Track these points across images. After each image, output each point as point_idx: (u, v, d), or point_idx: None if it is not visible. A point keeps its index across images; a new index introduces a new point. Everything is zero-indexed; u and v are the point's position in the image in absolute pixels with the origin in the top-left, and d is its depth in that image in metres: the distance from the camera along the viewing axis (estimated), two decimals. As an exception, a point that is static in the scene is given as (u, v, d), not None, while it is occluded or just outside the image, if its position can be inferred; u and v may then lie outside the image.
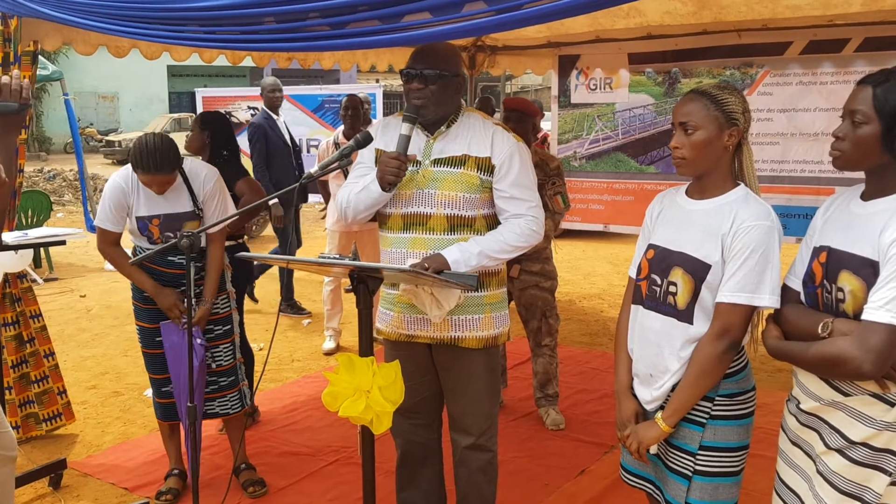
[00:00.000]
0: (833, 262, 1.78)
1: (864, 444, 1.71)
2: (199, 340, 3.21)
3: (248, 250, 4.34)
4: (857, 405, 1.72)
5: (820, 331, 1.74)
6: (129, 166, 3.23)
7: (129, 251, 3.39)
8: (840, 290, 1.74)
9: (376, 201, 2.58)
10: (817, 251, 1.85)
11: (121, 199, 3.22)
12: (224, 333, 3.44)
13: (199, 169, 3.33)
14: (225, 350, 3.45)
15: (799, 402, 1.88)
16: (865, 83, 1.77)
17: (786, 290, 1.95)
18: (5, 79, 2.04)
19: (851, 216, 1.80)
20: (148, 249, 3.24)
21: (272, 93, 6.29)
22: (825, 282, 1.79)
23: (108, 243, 3.30)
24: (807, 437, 1.86)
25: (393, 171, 2.47)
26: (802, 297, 1.90)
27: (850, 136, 1.79)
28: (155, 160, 3.03)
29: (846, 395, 1.74)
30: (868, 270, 1.68)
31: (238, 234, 4.07)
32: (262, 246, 9.61)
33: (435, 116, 2.57)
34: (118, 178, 3.26)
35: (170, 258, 3.25)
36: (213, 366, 3.39)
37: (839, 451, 1.75)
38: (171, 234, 3.21)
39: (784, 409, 1.98)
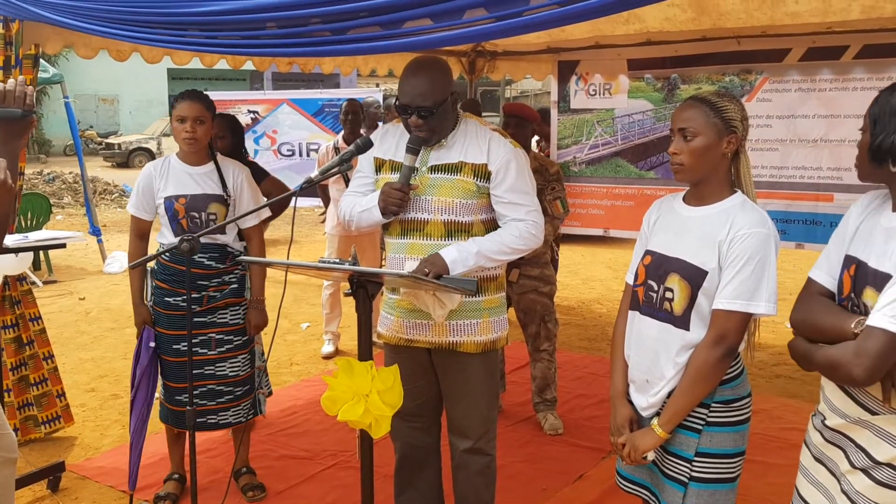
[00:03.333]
0: (860, 276, 1.72)
1: (890, 465, 1.64)
2: (151, 343, 3.27)
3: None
4: (883, 424, 1.66)
5: (852, 328, 1.66)
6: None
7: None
8: (865, 305, 1.69)
9: (377, 224, 2.65)
10: (848, 261, 1.78)
11: (148, 182, 3.30)
12: (242, 344, 3.40)
13: (228, 161, 3.46)
14: (242, 360, 3.40)
15: (825, 418, 1.81)
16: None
17: (809, 282, 1.87)
18: (10, 84, 2.02)
19: (880, 229, 1.73)
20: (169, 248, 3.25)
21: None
22: (852, 295, 1.74)
23: (136, 233, 3.34)
24: (832, 455, 1.79)
25: (395, 202, 2.52)
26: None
27: (859, 145, 1.79)
28: (195, 92, 3.29)
29: (874, 413, 1.68)
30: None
31: None
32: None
33: (439, 138, 2.60)
34: (150, 163, 3.39)
35: (194, 258, 3.22)
36: (230, 375, 3.36)
37: (864, 470, 1.68)
38: (196, 215, 3.24)
39: (808, 424, 1.91)
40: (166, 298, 3.28)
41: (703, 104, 2.02)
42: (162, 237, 3.33)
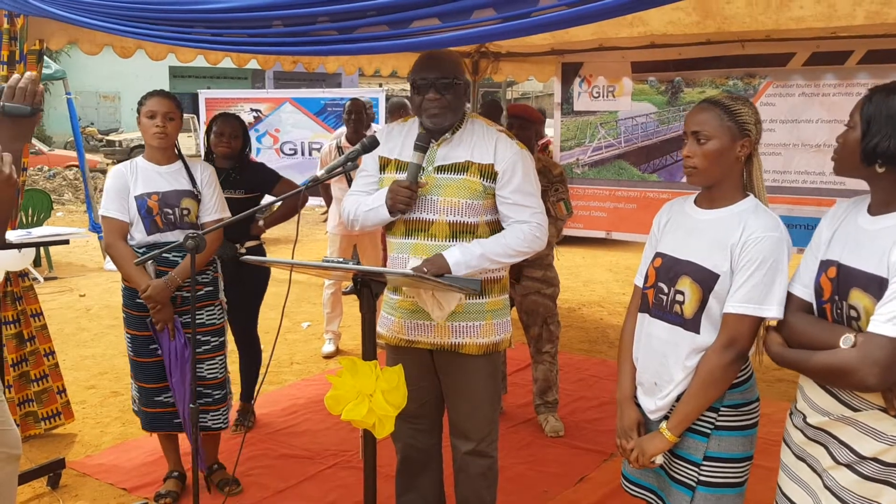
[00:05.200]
0: (843, 278, 1.75)
1: (875, 460, 1.69)
2: (181, 335, 3.20)
3: (265, 253, 4.35)
4: (867, 420, 1.70)
5: (842, 344, 1.70)
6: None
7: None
8: (852, 307, 1.72)
9: (383, 222, 2.63)
10: (825, 265, 1.82)
11: (120, 181, 3.24)
12: (219, 345, 3.38)
13: (194, 159, 3.47)
14: (220, 362, 3.39)
15: (805, 416, 1.86)
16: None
17: (790, 298, 1.92)
18: (23, 81, 1.98)
19: (860, 231, 1.78)
20: (144, 247, 3.20)
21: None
22: (836, 297, 1.77)
23: (115, 235, 3.21)
24: (813, 452, 1.83)
25: (403, 200, 2.50)
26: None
27: (841, 140, 1.81)
28: (165, 91, 3.33)
29: (856, 409, 1.72)
30: (877, 287, 1.66)
31: (258, 234, 4.11)
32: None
33: (451, 124, 2.59)
34: (118, 165, 3.35)
35: (165, 254, 3.14)
36: (208, 377, 3.34)
37: (848, 466, 1.72)
38: (170, 211, 3.22)
39: (786, 423, 1.96)
40: (137, 300, 3.22)
41: (716, 107, 2.02)
42: (130, 238, 3.24)
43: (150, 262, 3.17)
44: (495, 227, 2.63)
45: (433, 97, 2.53)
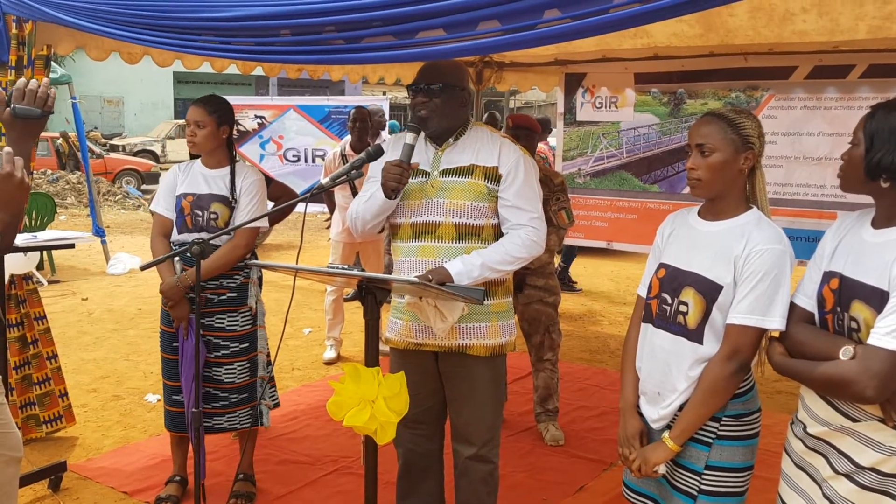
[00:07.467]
0: (845, 290, 1.78)
1: (873, 469, 1.71)
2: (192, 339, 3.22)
3: (256, 257, 4.38)
4: (866, 430, 1.73)
5: (842, 356, 1.72)
6: None
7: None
8: (853, 319, 1.74)
9: (381, 209, 2.65)
10: (828, 276, 1.85)
11: (171, 179, 3.42)
12: (241, 351, 3.37)
13: (246, 166, 3.54)
14: (240, 367, 3.37)
15: (806, 426, 1.88)
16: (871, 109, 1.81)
17: (793, 308, 1.95)
18: (32, 83, 2.03)
19: (863, 244, 1.80)
20: (177, 245, 3.32)
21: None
22: (837, 308, 1.80)
23: (156, 230, 3.39)
24: (813, 462, 1.86)
25: (394, 177, 2.54)
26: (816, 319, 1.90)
27: (846, 157, 1.84)
28: (202, 98, 3.38)
29: (855, 420, 1.75)
30: (878, 300, 1.68)
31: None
32: (265, 254, 9.63)
33: (439, 128, 2.64)
34: (176, 166, 3.52)
35: (189, 255, 3.23)
36: (225, 381, 3.35)
37: (847, 475, 1.75)
38: (199, 213, 3.30)
39: (787, 432, 1.98)
40: None
41: (720, 120, 2.04)
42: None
43: (177, 260, 3.31)
44: (501, 231, 2.67)
45: (419, 101, 2.62)
